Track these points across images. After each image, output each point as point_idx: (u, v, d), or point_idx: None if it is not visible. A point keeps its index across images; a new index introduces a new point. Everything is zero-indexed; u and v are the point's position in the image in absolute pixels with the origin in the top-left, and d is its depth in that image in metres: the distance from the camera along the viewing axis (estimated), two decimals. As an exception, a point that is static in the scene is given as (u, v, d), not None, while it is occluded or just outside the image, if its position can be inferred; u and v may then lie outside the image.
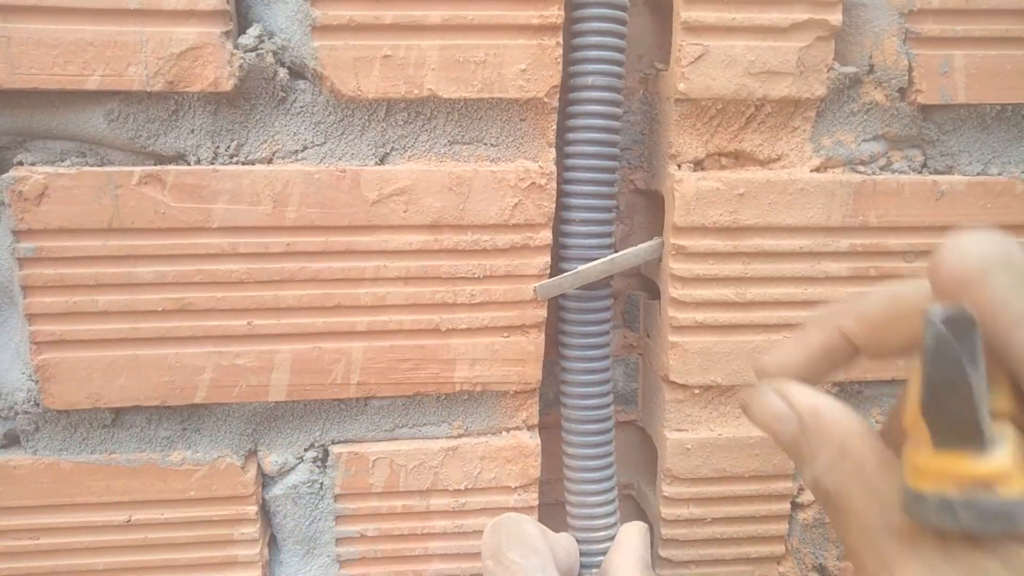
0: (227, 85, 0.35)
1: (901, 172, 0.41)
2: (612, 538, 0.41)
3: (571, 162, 0.39)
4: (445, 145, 0.38)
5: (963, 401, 0.25)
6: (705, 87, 0.38)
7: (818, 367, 0.32)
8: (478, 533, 0.42)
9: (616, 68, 0.38)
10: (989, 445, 0.25)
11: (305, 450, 0.41)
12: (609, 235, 0.40)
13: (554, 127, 0.39)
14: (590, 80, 0.37)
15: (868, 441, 0.30)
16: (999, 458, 0.25)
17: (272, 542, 0.43)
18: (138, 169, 0.36)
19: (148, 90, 0.35)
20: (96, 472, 0.39)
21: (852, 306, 0.31)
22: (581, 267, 0.39)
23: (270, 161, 0.37)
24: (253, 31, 0.36)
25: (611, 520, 0.42)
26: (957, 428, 0.26)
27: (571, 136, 0.39)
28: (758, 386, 0.33)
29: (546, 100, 0.38)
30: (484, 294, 0.39)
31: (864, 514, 0.29)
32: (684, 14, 0.37)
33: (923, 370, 0.26)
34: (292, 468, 0.41)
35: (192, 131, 0.37)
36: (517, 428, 0.42)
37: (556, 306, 0.41)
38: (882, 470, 0.29)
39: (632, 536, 0.40)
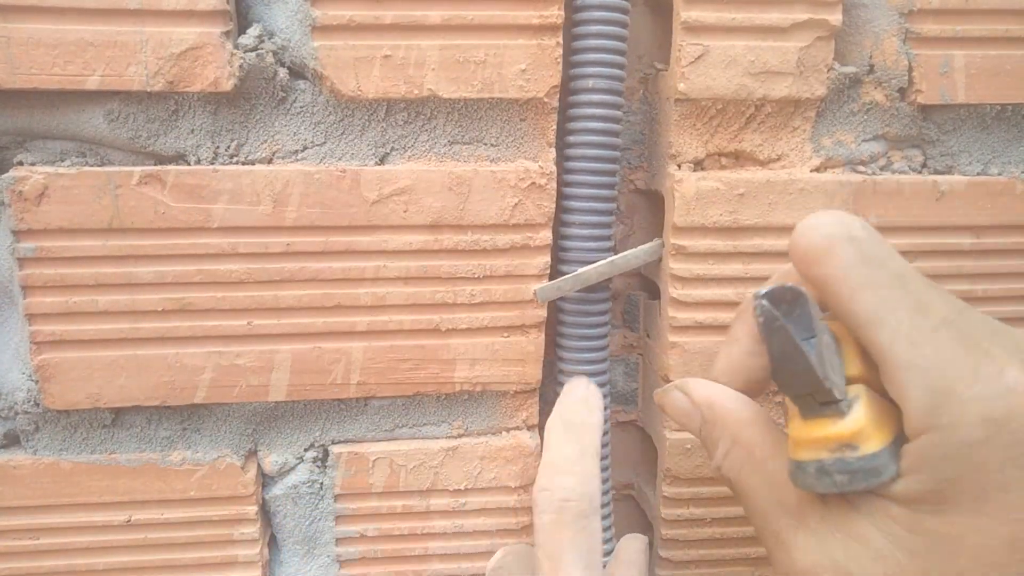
0: (227, 85, 0.35)
1: (901, 172, 0.41)
2: (604, 540, 0.41)
3: (571, 164, 0.39)
4: (445, 145, 0.38)
5: (802, 367, 0.27)
6: (705, 87, 0.38)
7: (751, 369, 0.32)
8: (478, 533, 0.42)
9: (617, 71, 0.37)
10: (846, 407, 0.27)
11: (305, 450, 0.41)
12: (609, 237, 0.40)
13: (554, 127, 0.39)
14: (591, 83, 0.37)
15: (759, 427, 0.31)
16: (854, 417, 0.26)
17: (272, 542, 0.43)
18: (138, 169, 0.36)
19: (148, 90, 0.35)
20: (96, 472, 0.39)
21: (745, 308, 0.32)
22: (581, 269, 0.39)
23: (270, 161, 0.37)
24: (253, 31, 0.36)
25: (605, 523, 0.41)
26: (810, 394, 0.27)
27: (572, 138, 0.39)
28: (666, 387, 0.35)
29: (546, 100, 0.38)
30: (484, 294, 0.39)
31: (758, 496, 0.30)
32: (684, 14, 0.37)
33: (765, 347, 0.28)
34: (292, 468, 0.41)
35: (192, 131, 0.37)
36: (517, 428, 0.42)
37: (554, 306, 0.41)
38: (773, 453, 0.30)
39: (633, 555, 0.40)
